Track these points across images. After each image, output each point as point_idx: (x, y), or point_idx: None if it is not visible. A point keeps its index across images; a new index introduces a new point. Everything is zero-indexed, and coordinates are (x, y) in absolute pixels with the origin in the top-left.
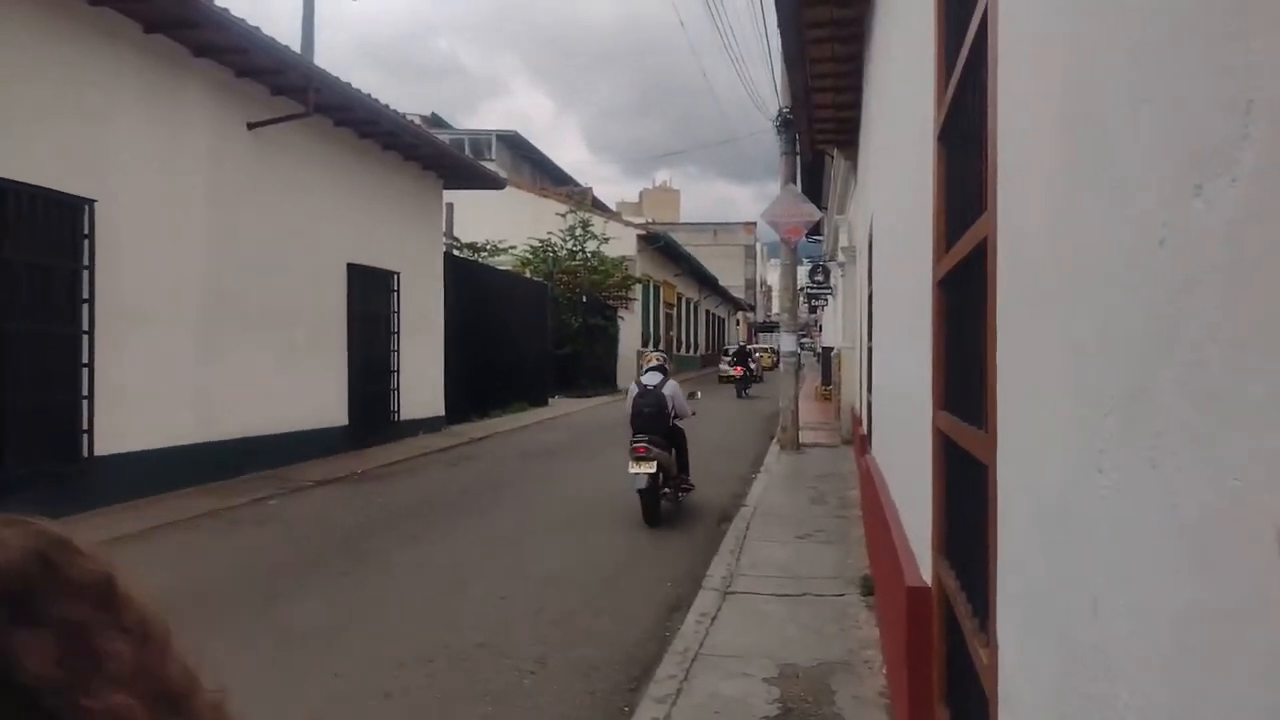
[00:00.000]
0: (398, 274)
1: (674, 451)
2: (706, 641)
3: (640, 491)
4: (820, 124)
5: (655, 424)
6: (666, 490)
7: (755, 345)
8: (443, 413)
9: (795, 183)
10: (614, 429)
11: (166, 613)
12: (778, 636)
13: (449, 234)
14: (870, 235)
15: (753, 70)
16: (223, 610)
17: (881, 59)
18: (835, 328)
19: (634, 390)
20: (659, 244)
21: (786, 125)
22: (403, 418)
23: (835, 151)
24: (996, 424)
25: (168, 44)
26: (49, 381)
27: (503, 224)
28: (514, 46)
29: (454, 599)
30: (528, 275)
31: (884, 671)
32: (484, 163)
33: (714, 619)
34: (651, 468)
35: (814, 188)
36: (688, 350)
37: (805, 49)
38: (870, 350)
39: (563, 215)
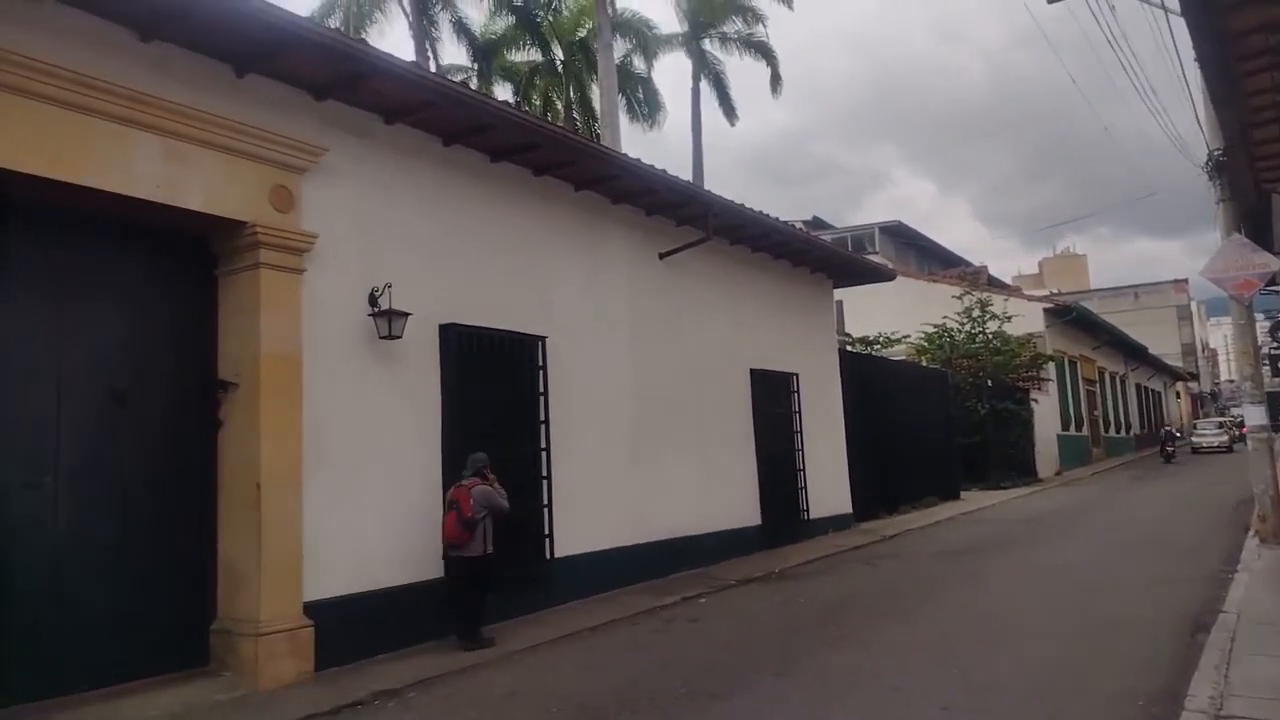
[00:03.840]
0: (796, 375)
1: (1173, 449)
2: None
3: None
4: (1264, 161)
5: (1172, 441)
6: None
7: (1204, 419)
8: (850, 510)
9: (1239, 230)
10: (1042, 523)
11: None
12: None
13: (840, 331)
14: None
15: (1168, 114)
16: (671, 707)
17: None
18: None
19: (1165, 433)
20: (1070, 316)
21: (1219, 169)
22: (812, 516)
23: None
24: None
25: (593, 197)
26: (520, 494)
27: (893, 315)
28: (890, 138)
29: (893, 706)
30: (924, 364)
31: None
32: (868, 256)
33: None
34: (1171, 448)
35: (1262, 232)
36: (1117, 430)
37: (1237, 83)
38: None
39: (956, 298)
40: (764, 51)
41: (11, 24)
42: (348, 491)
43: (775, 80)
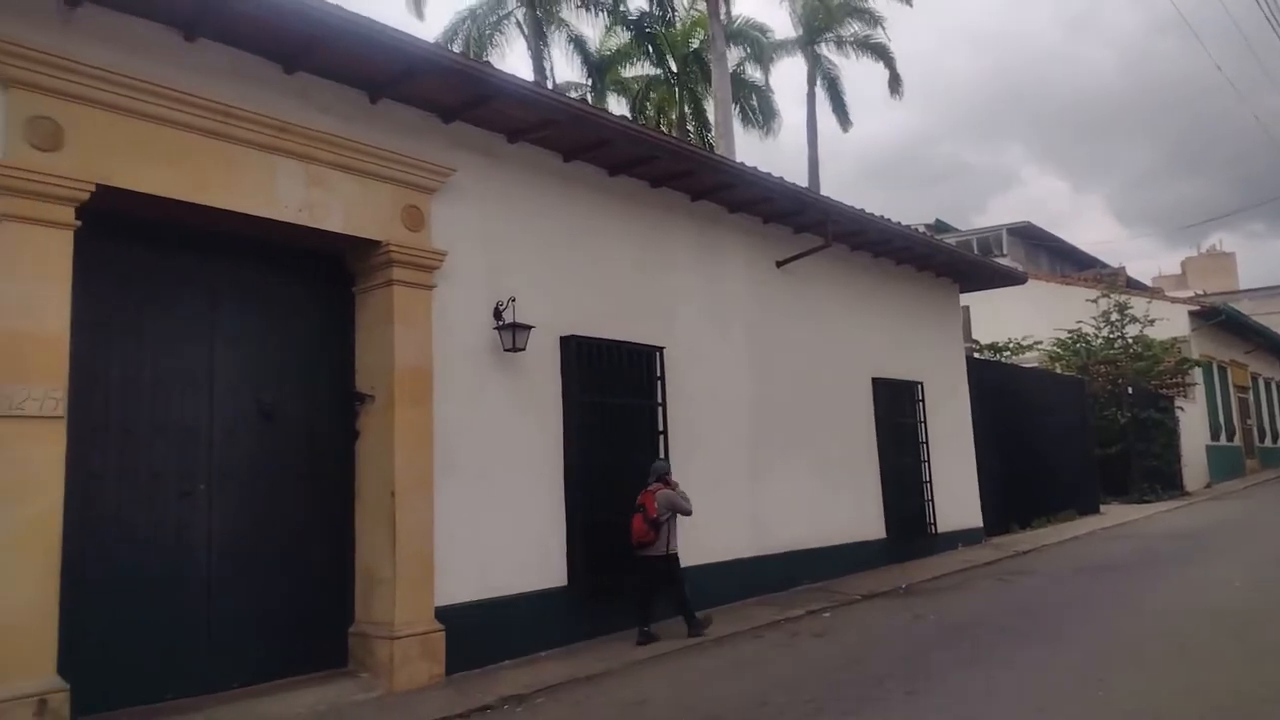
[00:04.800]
0: (921, 384)
1: None
2: None
3: None
4: None
5: None
6: None
7: None
8: (980, 524)
9: None
10: (1192, 540)
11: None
12: None
13: (968, 337)
14: None
15: None
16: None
17: None
18: None
19: None
20: (1218, 318)
21: None
22: (939, 530)
23: None
24: None
25: (710, 206)
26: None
27: (1023, 320)
28: (1017, 136)
29: None
30: (1058, 371)
31: None
32: (996, 259)
33: None
34: None
35: None
36: (1274, 440)
37: None
38: None
39: (1092, 301)
40: (882, 53)
41: (163, 61)
42: (475, 500)
43: (894, 81)
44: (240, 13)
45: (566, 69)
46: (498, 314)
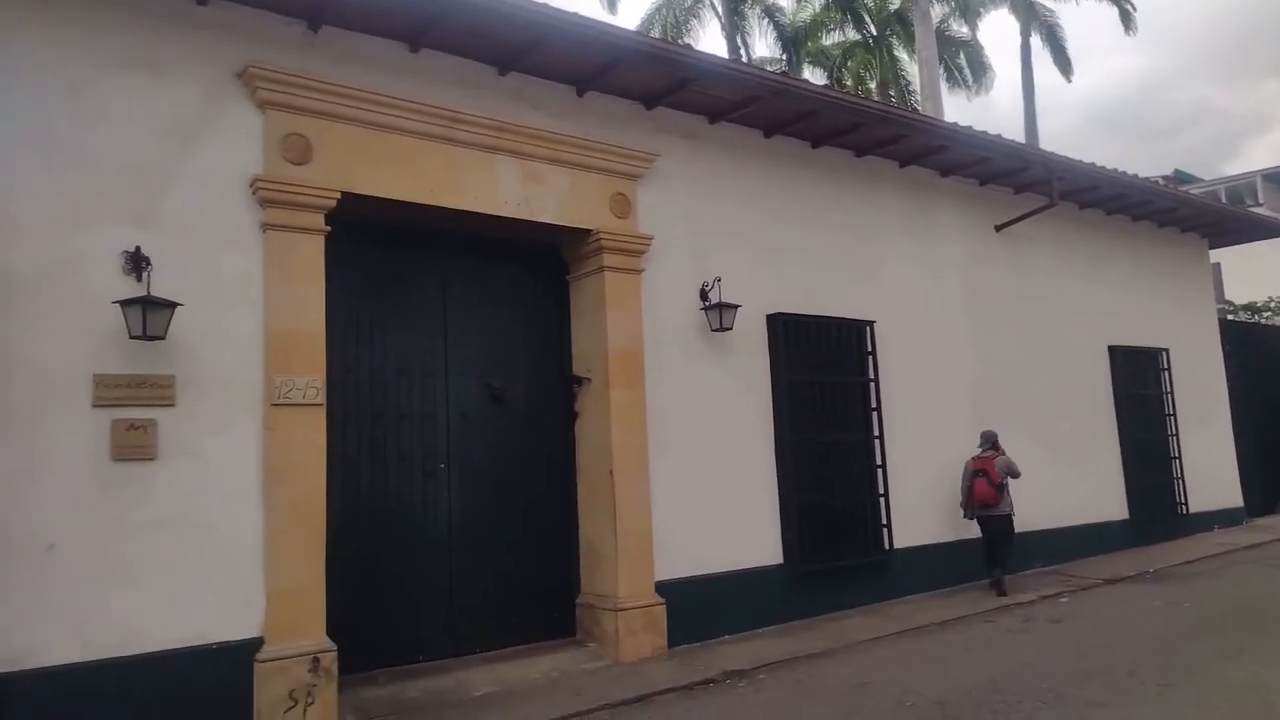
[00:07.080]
0: (1165, 350)
1: None
2: None
3: None
4: None
5: None
6: None
7: None
8: (1240, 503)
9: None
10: None
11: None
12: None
13: (1219, 298)
14: None
15: None
16: (1040, 713)
17: None
18: None
19: None
20: None
21: None
22: (1191, 510)
23: None
24: None
25: (919, 172)
26: (856, 482)
27: None
28: (1274, 72)
29: None
30: None
31: None
32: (1251, 210)
33: None
34: None
35: None
36: None
37: None
38: None
39: None
40: None
41: (392, 73)
42: (689, 478)
43: (1125, 17)
44: (460, 22)
45: (760, 45)
46: (704, 294)
